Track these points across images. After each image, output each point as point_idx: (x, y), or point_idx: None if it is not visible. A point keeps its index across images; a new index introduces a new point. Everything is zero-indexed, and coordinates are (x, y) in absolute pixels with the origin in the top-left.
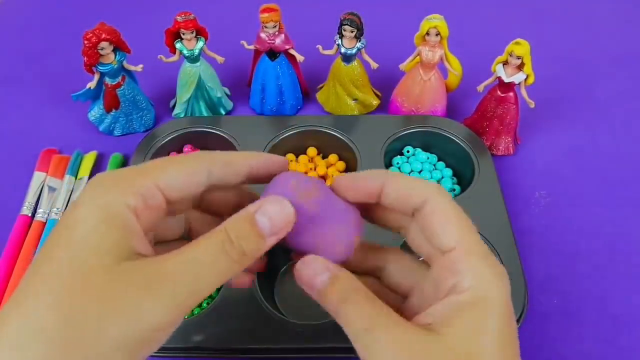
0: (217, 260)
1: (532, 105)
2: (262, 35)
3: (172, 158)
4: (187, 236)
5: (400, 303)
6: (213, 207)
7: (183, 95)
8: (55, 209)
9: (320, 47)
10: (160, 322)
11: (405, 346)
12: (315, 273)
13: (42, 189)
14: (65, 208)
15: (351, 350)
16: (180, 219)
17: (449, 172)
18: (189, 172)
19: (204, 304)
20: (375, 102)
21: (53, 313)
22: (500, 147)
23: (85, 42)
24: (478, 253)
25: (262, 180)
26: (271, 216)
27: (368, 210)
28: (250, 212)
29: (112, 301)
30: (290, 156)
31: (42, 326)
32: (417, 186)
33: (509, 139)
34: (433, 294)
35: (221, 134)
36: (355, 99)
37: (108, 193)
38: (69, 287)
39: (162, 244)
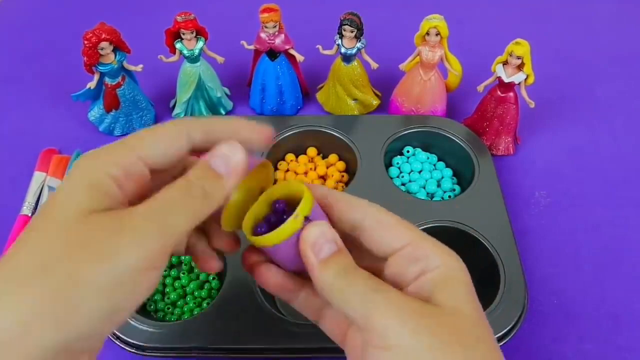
0: (182, 199)
1: (532, 105)
2: (262, 35)
3: (150, 128)
4: None
5: None
6: None
7: (183, 95)
8: None
9: (320, 47)
10: (137, 261)
11: (409, 306)
12: (324, 240)
13: (42, 188)
14: None
15: None
16: None
17: (449, 172)
18: (167, 138)
19: (204, 304)
20: (375, 102)
21: (32, 262)
22: (500, 147)
23: (85, 42)
24: (432, 241)
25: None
26: (224, 158)
27: None
28: (205, 159)
29: (87, 246)
30: (290, 156)
31: (23, 274)
32: (355, 202)
33: (509, 139)
34: None
35: None
36: (355, 99)
37: (90, 164)
38: (48, 238)
39: None
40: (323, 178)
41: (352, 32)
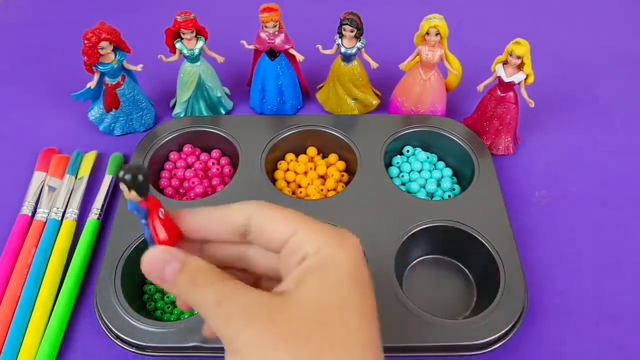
0: None
1: (532, 105)
2: (262, 35)
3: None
4: None
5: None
6: None
7: (183, 94)
8: (55, 208)
9: (320, 46)
10: None
11: (257, 307)
12: (164, 263)
13: (42, 188)
14: (66, 208)
15: None
16: None
17: (449, 172)
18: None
19: None
20: (375, 101)
21: None
22: (500, 147)
23: (85, 41)
24: (317, 227)
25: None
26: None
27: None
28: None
29: None
30: (290, 156)
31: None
32: (235, 208)
33: (509, 139)
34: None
35: (221, 133)
36: (355, 99)
37: None
38: None
39: None
40: (323, 178)
41: (352, 31)
